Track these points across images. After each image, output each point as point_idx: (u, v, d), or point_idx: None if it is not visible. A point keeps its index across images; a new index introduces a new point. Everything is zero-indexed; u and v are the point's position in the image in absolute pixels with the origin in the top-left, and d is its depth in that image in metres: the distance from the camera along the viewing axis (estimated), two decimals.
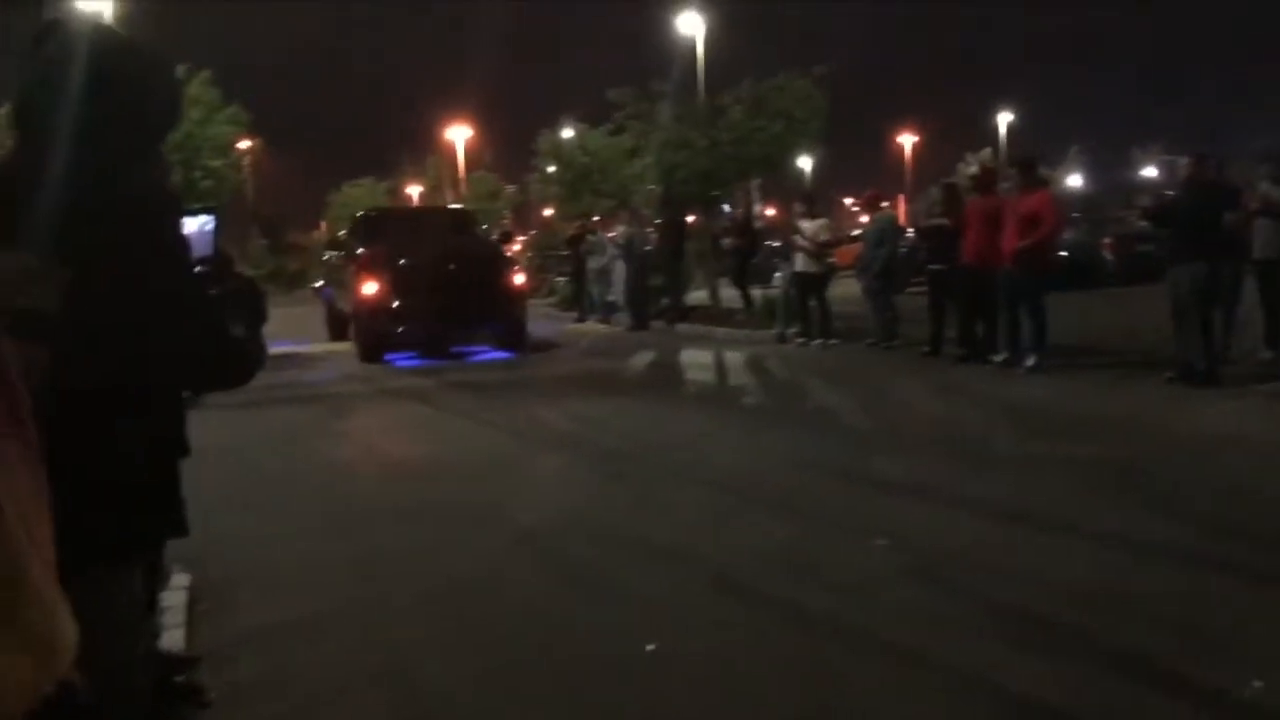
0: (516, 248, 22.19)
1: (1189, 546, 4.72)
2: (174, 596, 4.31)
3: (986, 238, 10.48)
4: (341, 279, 16.00)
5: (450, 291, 13.41)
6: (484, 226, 24.06)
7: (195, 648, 3.90)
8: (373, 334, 13.77)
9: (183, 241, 1.89)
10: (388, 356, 13.80)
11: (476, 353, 14.36)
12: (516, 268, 16.03)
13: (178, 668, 3.57)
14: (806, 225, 13.49)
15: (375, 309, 13.60)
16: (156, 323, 1.76)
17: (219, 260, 2.08)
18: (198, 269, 1.97)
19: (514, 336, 14.40)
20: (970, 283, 10.82)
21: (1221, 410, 7.88)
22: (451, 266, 13.85)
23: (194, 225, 2.06)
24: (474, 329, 14.44)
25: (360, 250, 14.84)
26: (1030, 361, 10.04)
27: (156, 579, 3.27)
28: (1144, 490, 5.75)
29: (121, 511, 1.83)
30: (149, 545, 2.25)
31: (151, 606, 3.25)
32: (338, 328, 16.59)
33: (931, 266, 11.95)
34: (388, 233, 15.45)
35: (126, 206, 1.77)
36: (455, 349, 14.42)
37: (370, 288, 13.63)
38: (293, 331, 16.83)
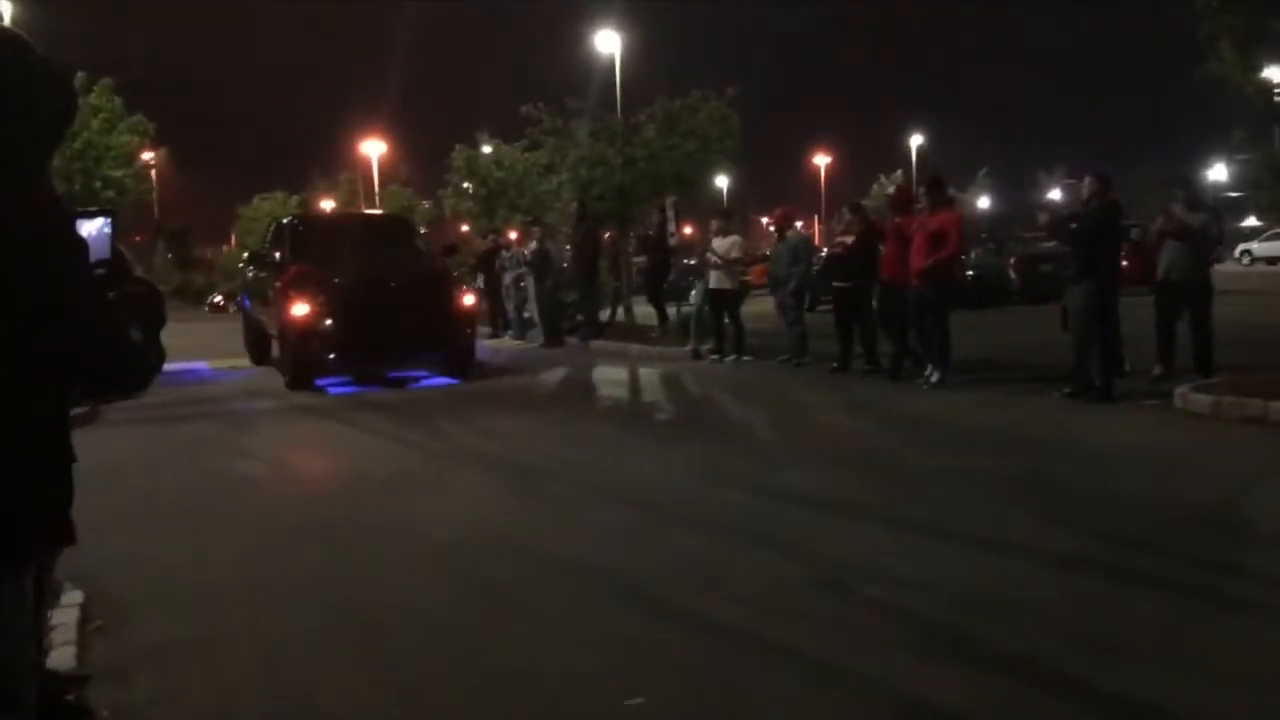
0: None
1: (1081, 554, 4.88)
2: (65, 613, 4.18)
3: (902, 256, 10.71)
4: (263, 293, 14.18)
5: (391, 314, 12.00)
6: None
7: (87, 666, 3.79)
8: (302, 361, 12.17)
9: (78, 244, 1.85)
10: (318, 383, 12.32)
11: (420, 379, 13.13)
12: (464, 286, 14.40)
13: (67, 686, 3.45)
14: (718, 243, 13.64)
15: (305, 333, 11.96)
16: (51, 326, 1.72)
17: (116, 262, 2.03)
18: (95, 271, 1.92)
19: (462, 363, 13.00)
20: (886, 299, 11.04)
21: (1115, 424, 8.16)
22: (393, 285, 12.40)
23: (91, 227, 2.01)
24: (418, 355, 13.09)
25: (288, 264, 12.98)
26: (935, 377, 10.27)
27: (44, 594, 3.16)
28: (1039, 500, 5.92)
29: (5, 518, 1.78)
30: (33, 553, 2.18)
31: (39, 622, 3.14)
32: (259, 347, 14.86)
33: (837, 284, 12.17)
34: (318, 244, 13.60)
35: (14, 209, 1.72)
36: (394, 375, 13.20)
37: (300, 309, 11.96)
38: (201, 351, 16.38)
